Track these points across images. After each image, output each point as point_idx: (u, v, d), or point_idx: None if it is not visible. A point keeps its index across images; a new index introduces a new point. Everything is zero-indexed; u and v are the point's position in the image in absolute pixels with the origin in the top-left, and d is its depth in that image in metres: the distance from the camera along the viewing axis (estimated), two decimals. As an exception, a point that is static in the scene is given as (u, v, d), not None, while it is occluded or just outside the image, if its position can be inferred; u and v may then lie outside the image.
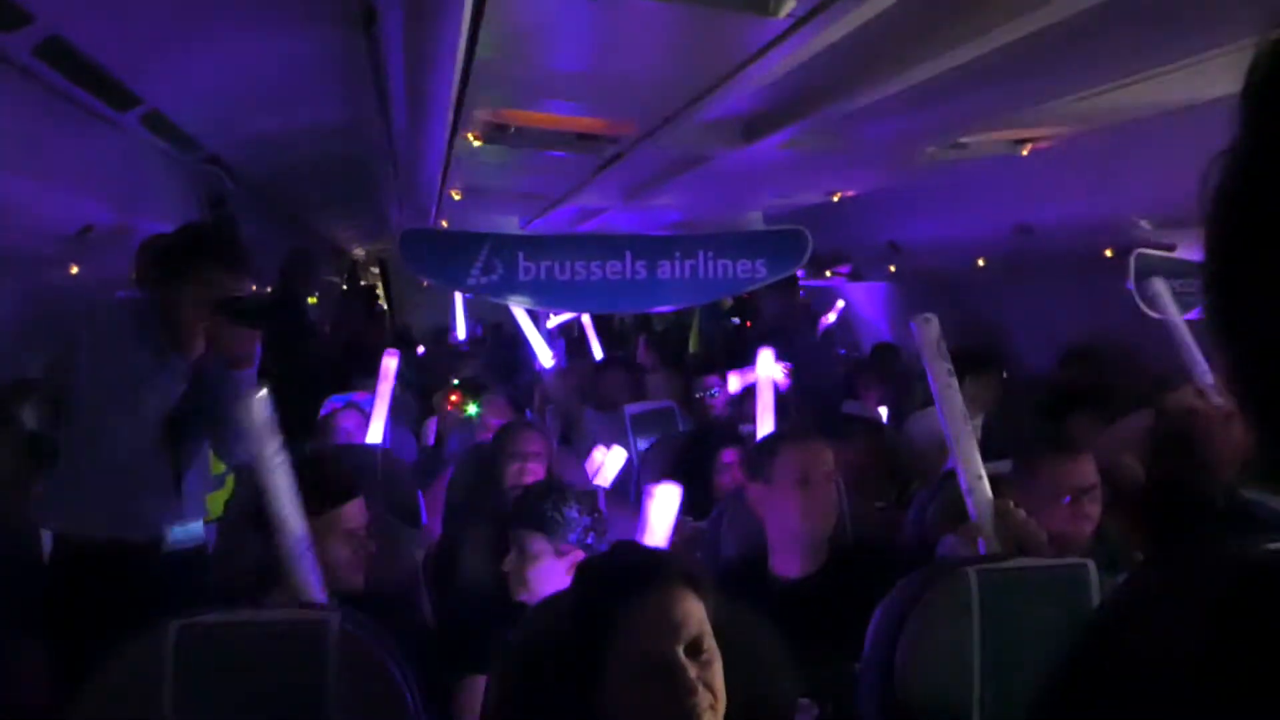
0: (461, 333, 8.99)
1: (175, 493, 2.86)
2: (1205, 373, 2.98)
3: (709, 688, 1.46)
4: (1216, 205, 0.60)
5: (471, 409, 5.21)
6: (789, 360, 5.15)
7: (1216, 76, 2.83)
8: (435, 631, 2.73)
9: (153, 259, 2.91)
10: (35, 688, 2.62)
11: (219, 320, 2.73)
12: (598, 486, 3.31)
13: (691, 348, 9.21)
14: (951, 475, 3.00)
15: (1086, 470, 2.72)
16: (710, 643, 1.50)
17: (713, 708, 1.45)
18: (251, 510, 2.28)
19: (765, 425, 3.80)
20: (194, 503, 2.94)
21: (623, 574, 1.58)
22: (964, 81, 2.71)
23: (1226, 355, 0.60)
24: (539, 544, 2.41)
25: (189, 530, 2.90)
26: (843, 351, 8.14)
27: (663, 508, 2.32)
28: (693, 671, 1.46)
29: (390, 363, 4.55)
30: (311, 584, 2.14)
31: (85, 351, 2.78)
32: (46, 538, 2.90)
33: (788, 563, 2.62)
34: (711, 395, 5.66)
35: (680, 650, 1.47)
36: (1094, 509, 2.72)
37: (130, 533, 2.78)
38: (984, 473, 2.26)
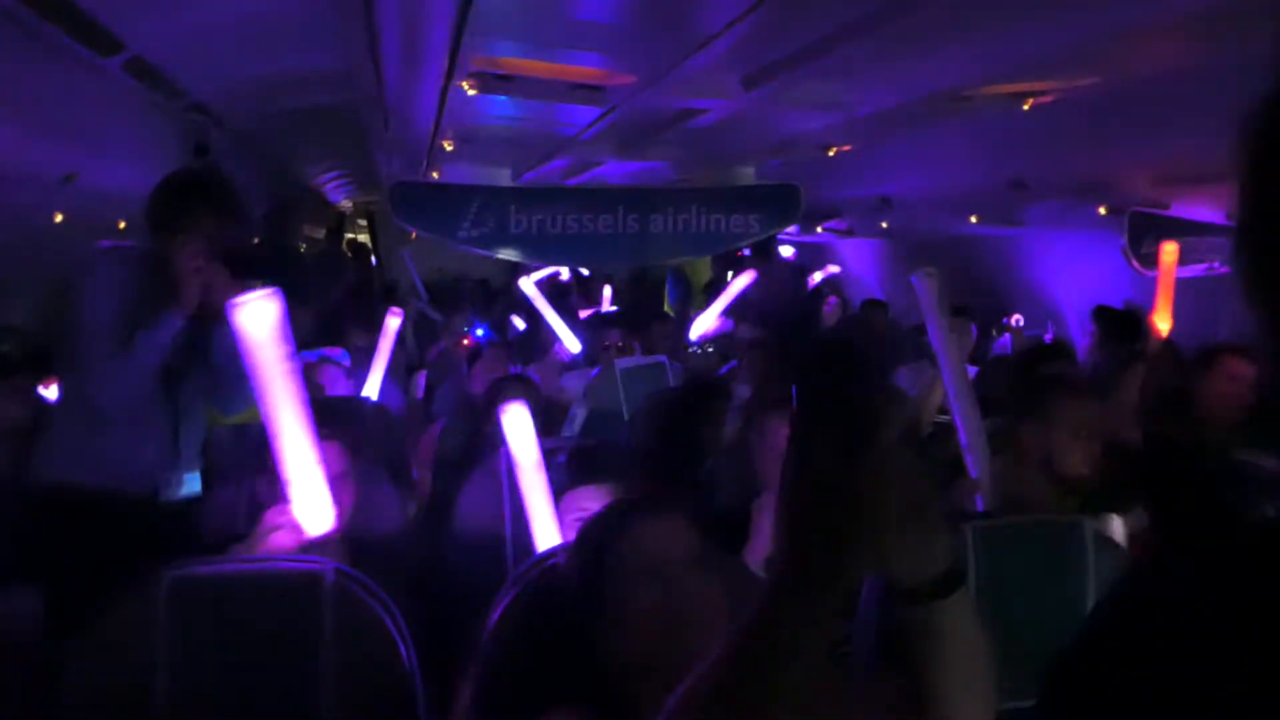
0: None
1: (173, 444, 2.84)
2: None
3: (710, 603, 1.47)
4: (1254, 153, 0.58)
5: None
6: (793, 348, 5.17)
7: (1222, 36, 2.80)
8: (428, 584, 2.72)
9: (147, 209, 2.87)
10: (32, 638, 2.61)
11: (216, 271, 2.70)
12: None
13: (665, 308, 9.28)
14: (943, 429, 3.00)
15: (1091, 409, 2.70)
16: (710, 577, 1.51)
17: (711, 625, 1.45)
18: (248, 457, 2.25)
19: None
20: (191, 454, 2.93)
21: (628, 505, 1.65)
22: (968, 30, 2.67)
23: (1260, 309, 0.59)
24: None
25: (186, 481, 2.89)
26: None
27: None
28: (692, 579, 1.47)
29: (393, 321, 4.59)
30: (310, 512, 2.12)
31: (83, 301, 2.75)
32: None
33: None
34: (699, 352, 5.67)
35: (682, 556, 1.49)
36: (1097, 449, 2.69)
37: (127, 483, 2.77)
38: (984, 429, 2.25)
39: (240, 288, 2.76)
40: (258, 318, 2.12)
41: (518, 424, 2.32)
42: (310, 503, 2.14)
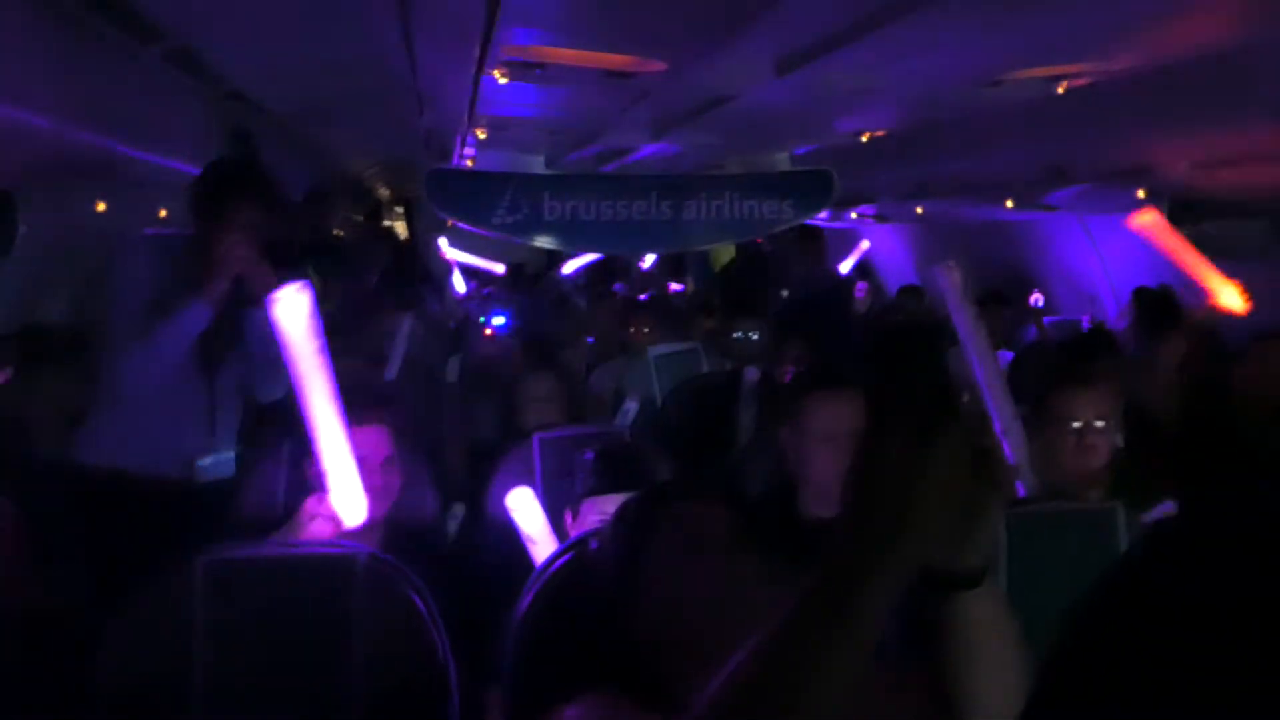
0: (461, 288, 8.94)
1: (209, 429, 2.89)
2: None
3: (747, 587, 1.48)
4: None
5: None
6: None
7: (1266, 15, 2.75)
8: (460, 569, 2.74)
9: (188, 198, 2.92)
10: (71, 621, 2.66)
11: (255, 259, 2.74)
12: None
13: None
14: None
15: (1091, 402, 2.67)
16: (748, 560, 1.52)
17: (748, 609, 1.46)
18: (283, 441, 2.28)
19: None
20: (226, 435, 2.97)
21: (666, 487, 1.67)
22: (1003, 12, 2.64)
23: None
24: None
25: (221, 460, 2.94)
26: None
27: None
28: (730, 562, 1.48)
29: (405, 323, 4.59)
30: (347, 502, 2.14)
31: (122, 286, 2.80)
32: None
33: (820, 504, 2.53)
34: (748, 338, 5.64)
35: (720, 539, 1.50)
36: (1100, 442, 2.67)
37: (164, 467, 2.82)
38: (1019, 415, 2.24)
39: (278, 275, 2.80)
40: (291, 310, 2.14)
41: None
42: (347, 493, 2.16)
